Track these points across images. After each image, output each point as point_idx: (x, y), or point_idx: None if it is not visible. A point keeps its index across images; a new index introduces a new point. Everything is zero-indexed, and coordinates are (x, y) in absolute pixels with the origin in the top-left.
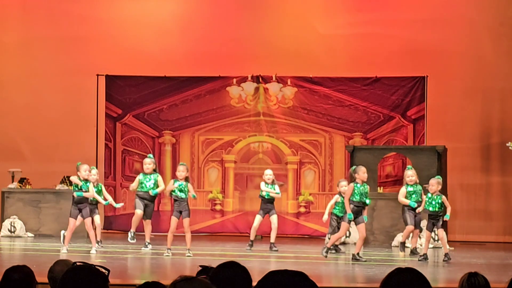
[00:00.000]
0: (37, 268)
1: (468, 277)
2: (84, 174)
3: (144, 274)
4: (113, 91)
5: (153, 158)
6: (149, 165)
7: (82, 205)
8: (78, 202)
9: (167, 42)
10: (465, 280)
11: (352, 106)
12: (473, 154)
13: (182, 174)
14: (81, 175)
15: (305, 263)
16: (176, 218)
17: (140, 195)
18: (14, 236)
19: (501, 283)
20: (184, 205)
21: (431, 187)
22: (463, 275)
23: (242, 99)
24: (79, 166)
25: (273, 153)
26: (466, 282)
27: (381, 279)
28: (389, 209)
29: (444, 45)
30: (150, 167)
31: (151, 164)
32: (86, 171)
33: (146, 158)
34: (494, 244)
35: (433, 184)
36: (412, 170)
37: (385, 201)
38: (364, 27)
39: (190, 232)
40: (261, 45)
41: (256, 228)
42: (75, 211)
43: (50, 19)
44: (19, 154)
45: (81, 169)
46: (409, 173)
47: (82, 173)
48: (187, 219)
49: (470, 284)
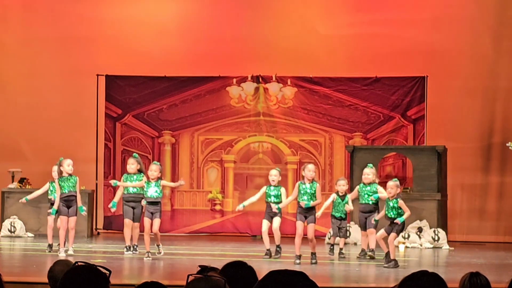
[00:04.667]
0: (37, 268)
1: (470, 277)
2: (67, 169)
3: (144, 274)
4: (113, 91)
5: (138, 158)
6: (132, 165)
7: (71, 202)
8: (66, 200)
9: (167, 42)
10: (467, 279)
11: (352, 106)
12: (473, 154)
13: (154, 174)
14: (64, 170)
15: (305, 263)
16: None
17: (125, 197)
18: (14, 236)
19: (501, 283)
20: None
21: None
22: (464, 274)
23: (242, 99)
24: (62, 161)
25: (273, 153)
26: (468, 282)
27: (380, 279)
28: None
29: (444, 45)
30: (133, 167)
31: (134, 164)
32: (70, 165)
33: (130, 157)
34: (494, 244)
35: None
36: (369, 168)
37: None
38: (364, 27)
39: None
40: (261, 45)
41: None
42: (64, 209)
43: (51, 19)
44: (19, 154)
45: (64, 164)
46: (365, 170)
47: (66, 168)
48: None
49: (472, 283)
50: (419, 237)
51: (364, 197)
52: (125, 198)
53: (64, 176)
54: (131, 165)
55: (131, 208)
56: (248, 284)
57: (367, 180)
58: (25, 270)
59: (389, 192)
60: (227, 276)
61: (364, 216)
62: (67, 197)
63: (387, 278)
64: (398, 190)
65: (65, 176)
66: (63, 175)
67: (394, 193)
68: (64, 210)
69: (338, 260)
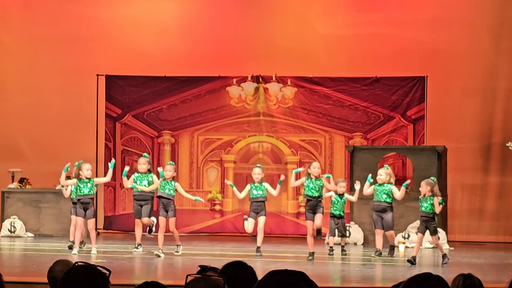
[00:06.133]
0: (37, 268)
1: (463, 279)
2: (86, 173)
3: (144, 274)
4: (113, 91)
5: (148, 158)
6: (144, 165)
7: (88, 204)
8: (83, 202)
9: (167, 42)
10: (460, 281)
11: (352, 106)
12: (473, 154)
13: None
14: (83, 174)
15: (305, 263)
16: (164, 217)
17: (135, 196)
18: (14, 236)
19: (501, 283)
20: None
21: (421, 189)
22: (455, 276)
23: (242, 99)
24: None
25: (272, 153)
26: (461, 284)
27: (380, 279)
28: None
29: (444, 45)
30: (144, 167)
31: (145, 164)
32: (89, 170)
33: (141, 157)
34: (494, 244)
35: (422, 186)
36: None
37: None
38: (364, 27)
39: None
40: (261, 45)
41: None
42: (81, 211)
43: (51, 20)
44: (19, 154)
45: (83, 168)
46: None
47: (85, 172)
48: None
49: (466, 285)
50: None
51: (378, 196)
52: (135, 197)
53: (82, 179)
54: (142, 165)
55: (139, 207)
56: (247, 284)
57: (380, 180)
58: (25, 270)
59: (421, 190)
60: (227, 276)
61: (378, 215)
62: (84, 200)
63: (387, 278)
64: (428, 187)
65: (83, 179)
66: (80, 178)
67: (425, 192)
68: (80, 212)
69: (341, 256)
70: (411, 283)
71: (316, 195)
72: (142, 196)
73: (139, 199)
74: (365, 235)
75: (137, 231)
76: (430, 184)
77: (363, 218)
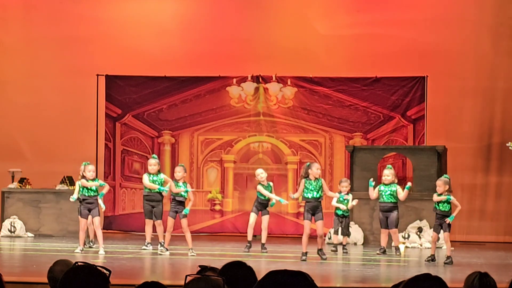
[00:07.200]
0: (37, 268)
1: (480, 277)
2: (89, 174)
3: (143, 274)
4: (113, 91)
5: (157, 159)
6: (154, 166)
7: (92, 204)
8: (87, 201)
9: (167, 42)
10: (477, 279)
11: (352, 106)
12: (473, 154)
13: (179, 175)
14: (86, 176)
15: (305, 263)
16: (173, 218)
17: (146, 197)
18: (14, 236)
19: (501, 283)
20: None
21: (438, 188)
22: (470, 273)
23: (242, 99)
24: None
25: (273, 153)
26: (478, 282)
27: (379, 279)
28: None
29: (444, 45)
30: (155, 168)
31: (156, 166)
32: (91, 171)
33: (151, 159)
34: (494, 244)
35: (439, 185)
36: (389, 170)
37: None
38: (364, 27)
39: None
40: (261, 45)
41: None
42: (85, 211)
43: (51, 20)
44: (19, 154)
45: (86, 170)
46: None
47: (87, 174)
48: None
49: (482, 284)
50: (419, 237)
51: (384, 196)
52: (146, 198)
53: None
54: (153, 166)
55: (151, 207)
56: (247, 284)
57: (387, 181)
58: (25, 270)
59: (438, 189)
60: (226, 276)
61: (384, 215)
62: (89, 200)
63: (387, 278)
64: (446, 187)
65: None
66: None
67: (443, 190)
68: (85, 213)
69: (342, 255)
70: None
71: (316, 196)
72: (154, 197)
73: (151, 200)
74: (365, 235)
75: (147, 230)
76: (447, 182)
77: (363, 218)
